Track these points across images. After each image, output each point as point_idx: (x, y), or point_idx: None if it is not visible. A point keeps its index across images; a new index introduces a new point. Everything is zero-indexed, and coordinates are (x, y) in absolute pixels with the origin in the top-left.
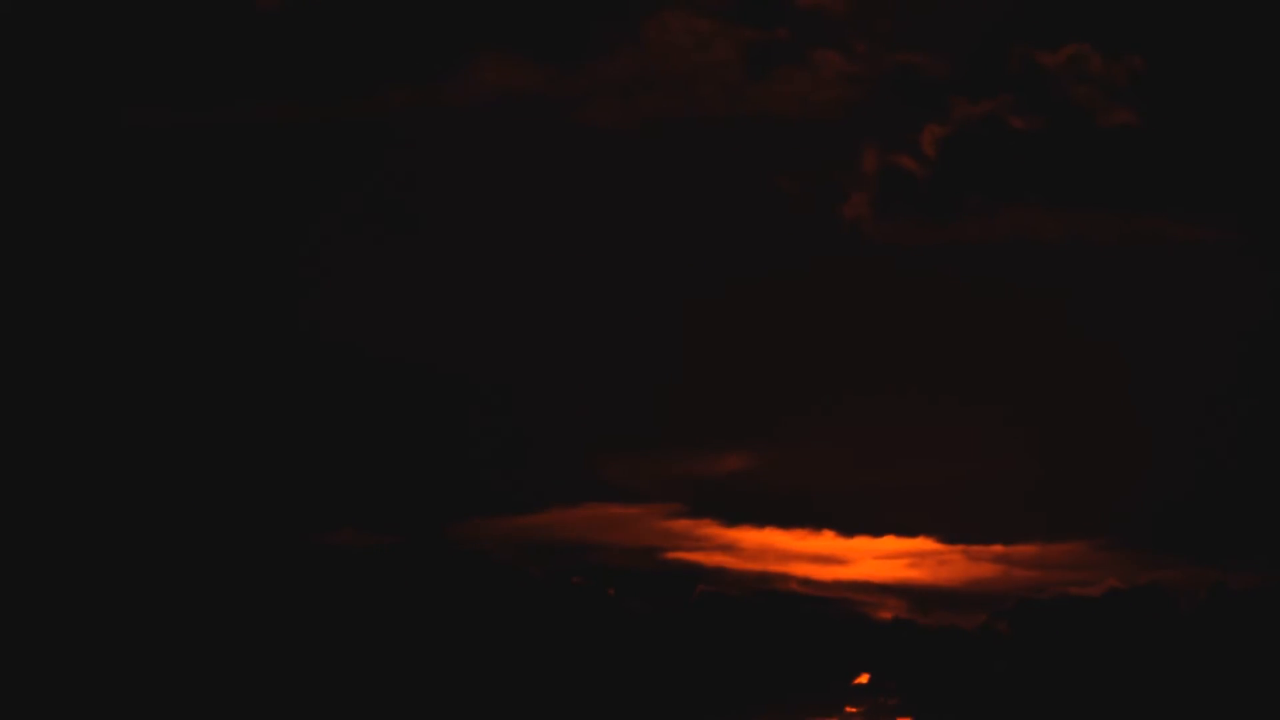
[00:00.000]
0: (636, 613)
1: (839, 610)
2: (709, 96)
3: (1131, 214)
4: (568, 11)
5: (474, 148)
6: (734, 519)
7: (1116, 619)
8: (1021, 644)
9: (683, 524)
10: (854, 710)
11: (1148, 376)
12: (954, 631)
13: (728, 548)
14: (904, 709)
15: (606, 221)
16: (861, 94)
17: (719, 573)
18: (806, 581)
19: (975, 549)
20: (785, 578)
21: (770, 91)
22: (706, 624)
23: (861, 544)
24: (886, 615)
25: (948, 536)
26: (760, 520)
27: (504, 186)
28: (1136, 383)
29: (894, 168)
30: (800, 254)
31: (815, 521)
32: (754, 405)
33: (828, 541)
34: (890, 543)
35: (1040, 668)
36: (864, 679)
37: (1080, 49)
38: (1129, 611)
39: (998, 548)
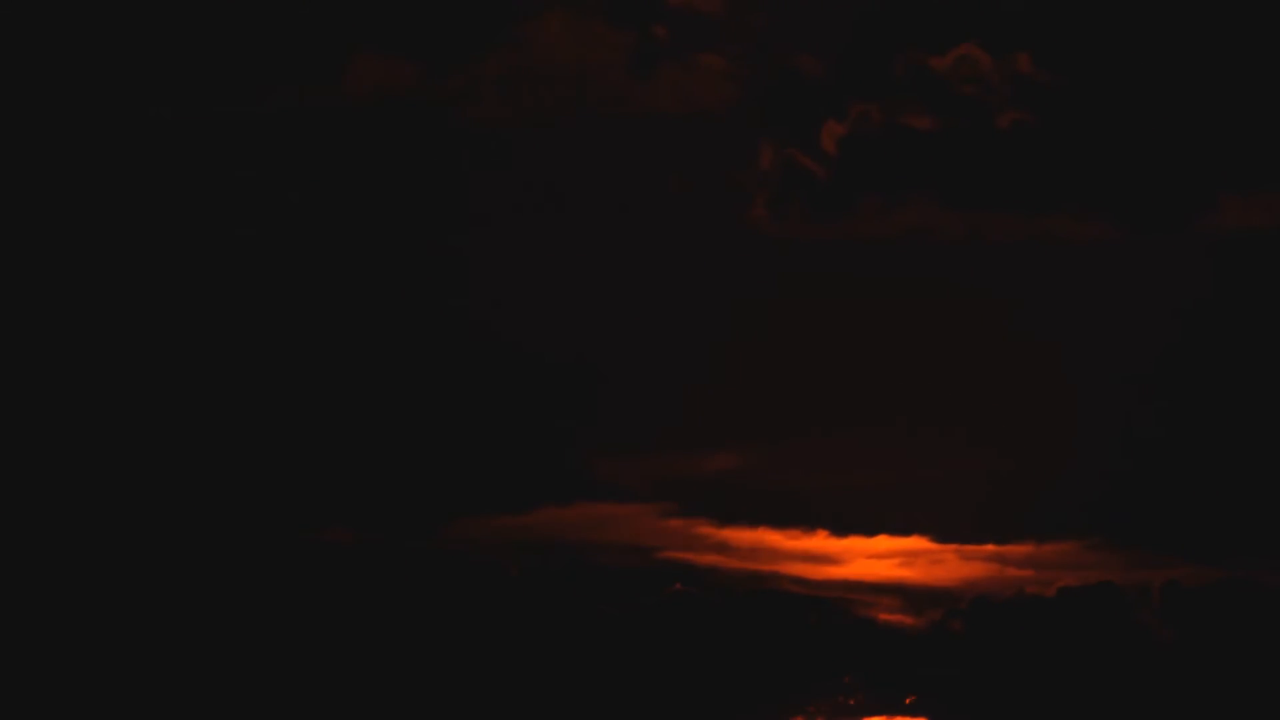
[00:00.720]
0: (627, 613)
1: (832, 610)
2: (592, 96)
3: (1031, 212)
4: (445, 11)
5: (352, 146)
6: (726, 518)
7: (1068, 619)
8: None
9: (675, 523)
10: (847, 708)
11: (1086, 375)
12: (948, 631)
13: (720, 547)
14: (899, 708)
15: (508, 220)
16: (747, 93)
17: (711, 572)
18: (799, 581)
19: (969, 548)
20: (778, 577)
21: (654, 91)
22: (698, 624)
23: (855, 543)
24: (880, 615)
25: (941, 536)
26: (753, 520)
27: (386, 184)
28: (1089, 381)
29: (792, 166)
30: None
31: (809, 521)
32: (748, 404)
33: (821, 541)
34: (883, 542)
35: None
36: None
37: (969, 49)
38: (1080, 611)
39: (990, 547)
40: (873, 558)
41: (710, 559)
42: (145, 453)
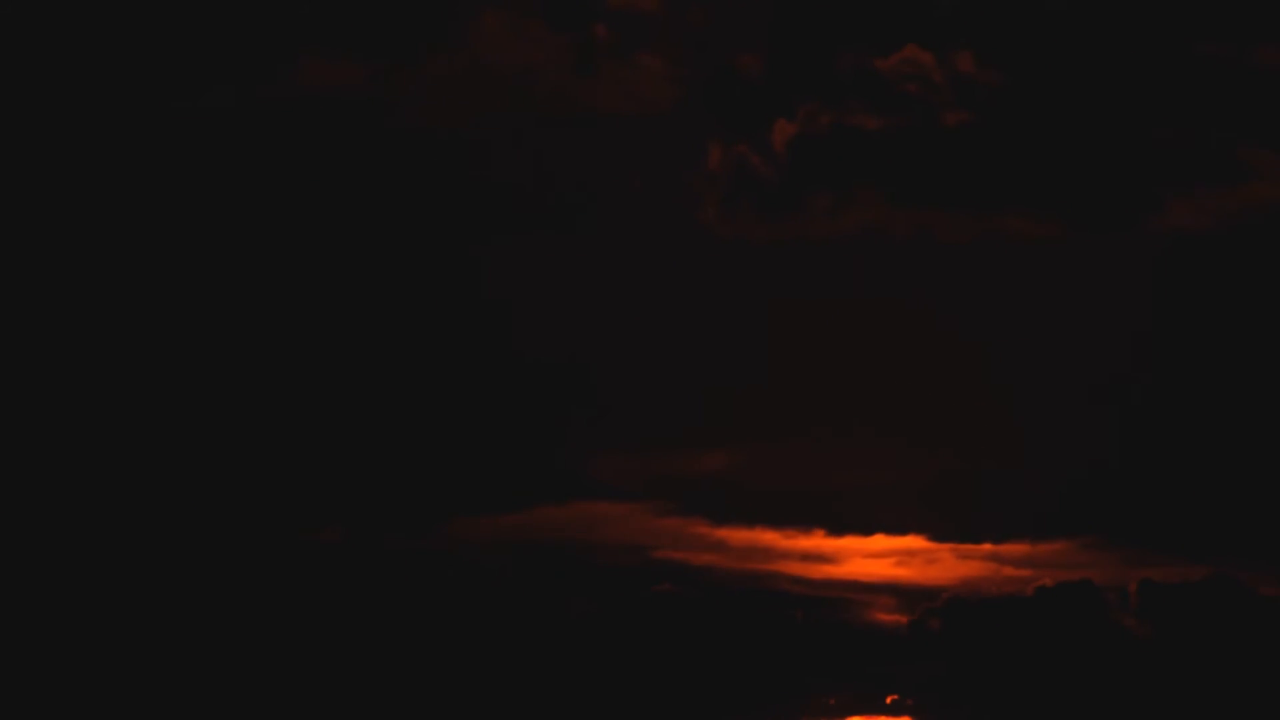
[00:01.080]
0: (617, 612)
1: (829, 609)
2: (538, 96)
3: (977, 211)
4: (389, 13)
5: (297, 146)
6: (723, 517)
7: (1046, 618)
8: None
9: (672, 522)
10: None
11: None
12: (942, 630)
13: (716, 546)
14: (896, 708)
15: (457, 222)
16: (690, 92)
17: (707, 571)
18: (797, 580)
19: (965, 547)
20: (775, 576)
21: (598, 90)
22: (686, 623)
23: (851, 543)
24: (876, 615)
25: (937, 535)
26: (750, 519)
27: (333, 185)
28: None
29: (743, 165)
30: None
31: (805, 520)
32: (742, 403)
33: (818, 540)
34: (880, 541)
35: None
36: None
37: (913, 50)
38: (1058, 610)
39: (987, 546)
40: (869, 556)
41: (706, 558)
42: (138, 453)
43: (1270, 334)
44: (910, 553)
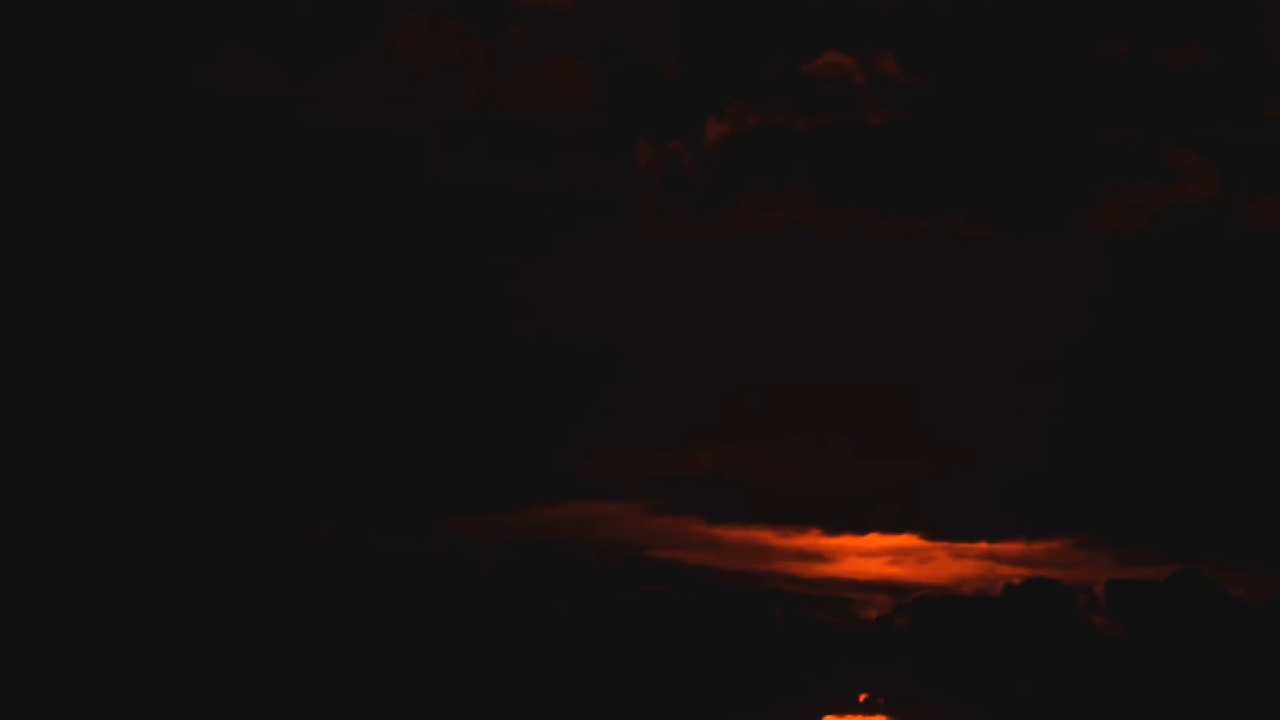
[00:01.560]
0: (619, 612)
1: (824, 608)
2: (457, 96)
3: (905, 211)
4: (305, 11)
5: (213, 146)
6: (717, 516)
7: (1013, 616)
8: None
9: (666, 521)
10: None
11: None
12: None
13: (712, 545)
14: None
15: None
16: (611, 92)
17: (702, 570)
18: (791, 579)
19: (960, 546)
20: (770, 575)
21: (517, 91)
22: (682, 623)
23: (847, 541)
24: (871, 613)
25: (932, 533)
26: (745, 518)
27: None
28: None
29: (674, 166)
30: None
31: (801, 519)
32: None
33: (813, 539)
34: (875, 540)
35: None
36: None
37: (833, 55)
38: (1026, 609)
39: (982, 545)
40: (864, 555)
41: (700, 557)
42: (127, 451)
43: (1204, 331)
44: (905, 551)
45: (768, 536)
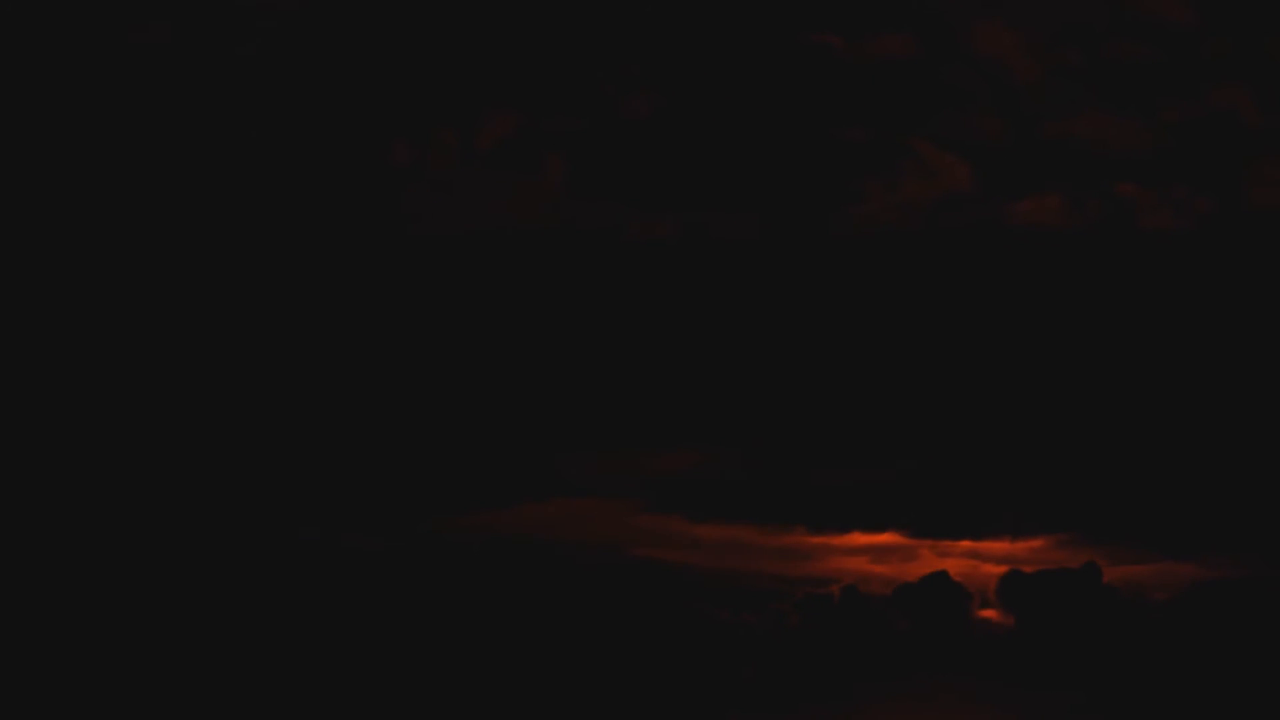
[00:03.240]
0: (600, 612)
1: (809, 607)
2: None
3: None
4: None
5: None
6: (701, 515)
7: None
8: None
9: (649, 520)
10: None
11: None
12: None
13: (694, 544)
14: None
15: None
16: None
17: (684, 569)
18: (776, 578)
19: (944, 544)
20: (754, 575)
21: None
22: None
23: (830, 540)
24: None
25: (915, 531)
26: (728, 516)
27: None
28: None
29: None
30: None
31: (784, 517)
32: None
33: (796, 538)
34: (858, 538)
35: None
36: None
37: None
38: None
39: (965, 543)
40: (847, 554)
41: (683, 556)
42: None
43: (966, 328)
44: (888, 549)
45: (752, 535)
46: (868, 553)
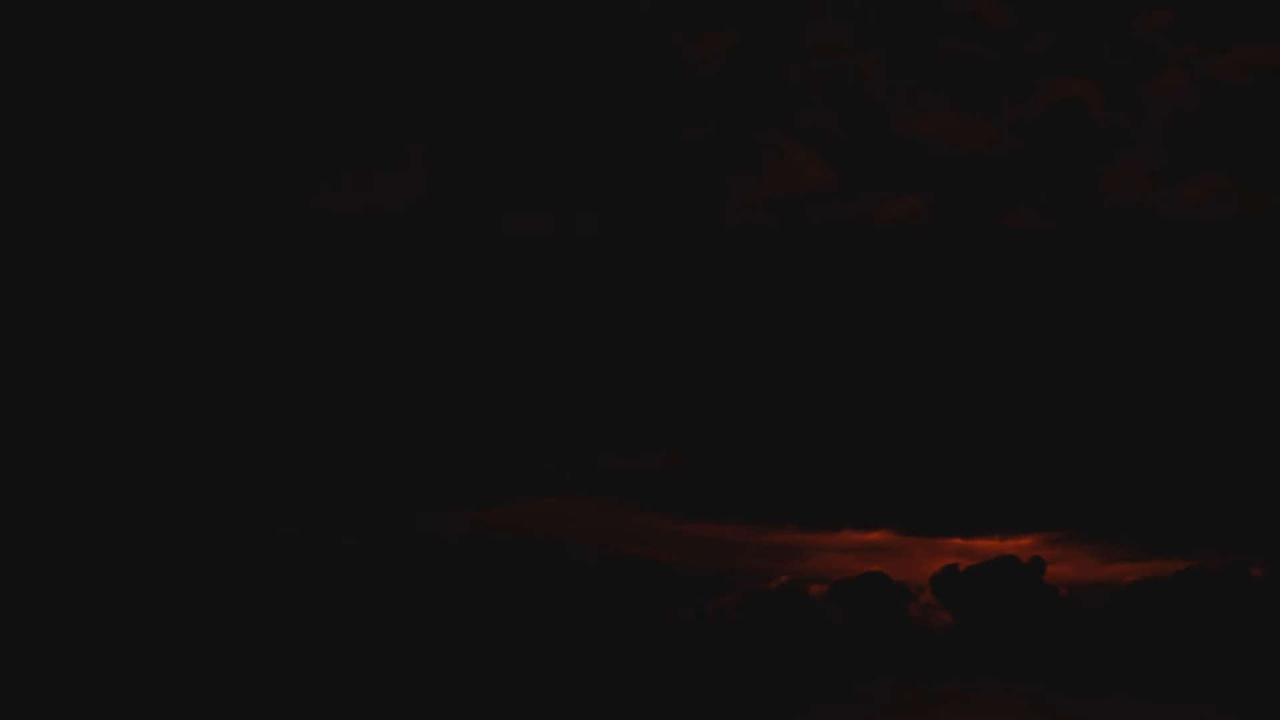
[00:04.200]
0: (592, 609)
1: (801, 605)
2: None
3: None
4: None
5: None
6: (691, 513)
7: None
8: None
9: (637, 518)
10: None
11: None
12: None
13: (684, 542)
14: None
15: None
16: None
17: (674, 567)
18: (766, 576)
19: (935, 541)
20: (747, 574)
21: None
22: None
23: (821, 537)
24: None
25: (907, 529)
26: (719, 514)
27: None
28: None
29: None
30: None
31: (775, 515)
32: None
33: (787, 536)
34: (849, 536)
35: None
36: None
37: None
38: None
39: (956, 540)
40: (838, 551)
41: (672, 554)
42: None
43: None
44: (879, 547)
45: (741, 533)
46: (859, 550)
